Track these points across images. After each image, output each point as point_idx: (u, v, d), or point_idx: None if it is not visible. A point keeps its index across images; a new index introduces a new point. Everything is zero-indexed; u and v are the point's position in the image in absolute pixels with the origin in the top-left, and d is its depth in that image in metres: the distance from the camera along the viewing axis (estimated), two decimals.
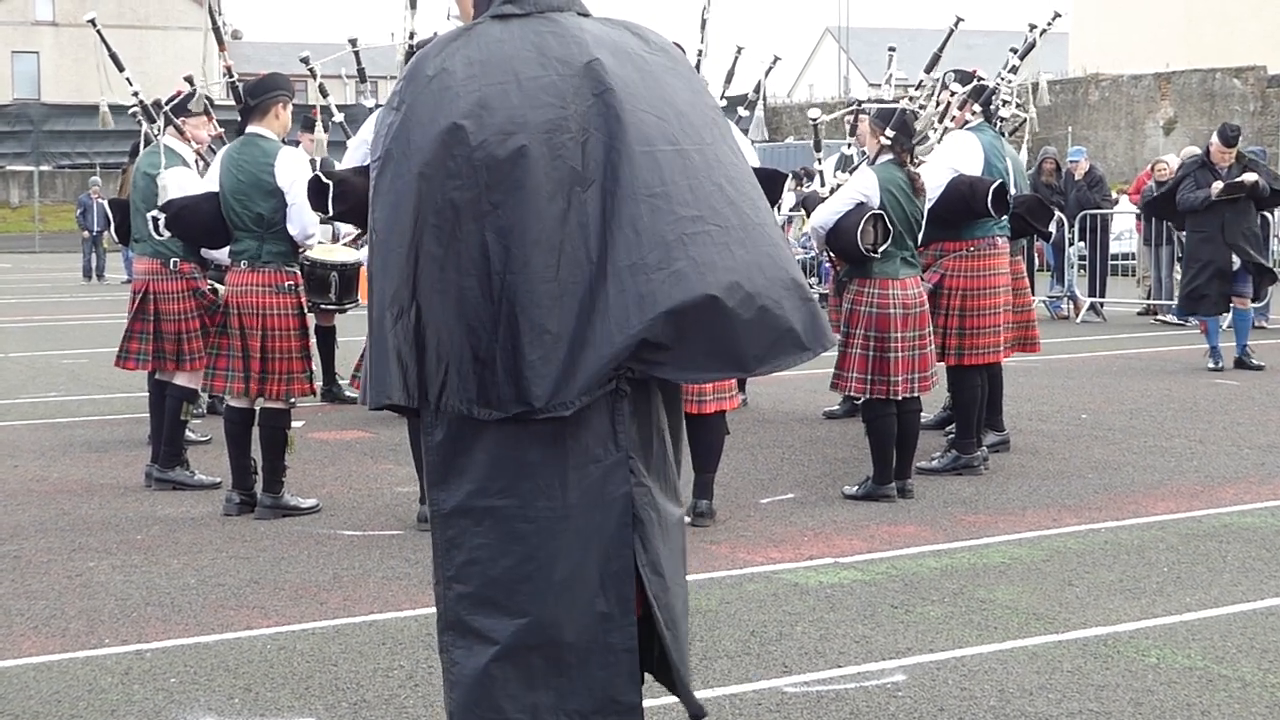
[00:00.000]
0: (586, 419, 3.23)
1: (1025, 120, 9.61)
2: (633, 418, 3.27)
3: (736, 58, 10.60)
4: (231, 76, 7.89)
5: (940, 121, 8.23)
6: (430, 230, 3.20)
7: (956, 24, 8.21)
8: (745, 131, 9.81)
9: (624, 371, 3.20)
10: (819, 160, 8.66)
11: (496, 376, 3.19)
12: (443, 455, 3.29)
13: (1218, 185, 12.67)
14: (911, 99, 8.07)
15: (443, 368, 3.22)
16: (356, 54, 9.05)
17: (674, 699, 4.65)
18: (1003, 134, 8.96)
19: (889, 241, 7.38)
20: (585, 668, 3.30)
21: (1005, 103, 9.31)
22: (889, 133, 7.53)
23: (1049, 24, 9.13)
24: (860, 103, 7.99)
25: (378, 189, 3.25)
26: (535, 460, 3.24)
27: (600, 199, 3.21)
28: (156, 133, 8.49)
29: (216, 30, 8.67)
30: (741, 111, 10.45)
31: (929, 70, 8.44)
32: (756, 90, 11.96)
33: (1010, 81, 9.06)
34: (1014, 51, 9.17)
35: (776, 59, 11.65)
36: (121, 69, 8.52)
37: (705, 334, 3.18)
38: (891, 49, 10.67)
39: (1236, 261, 12.78)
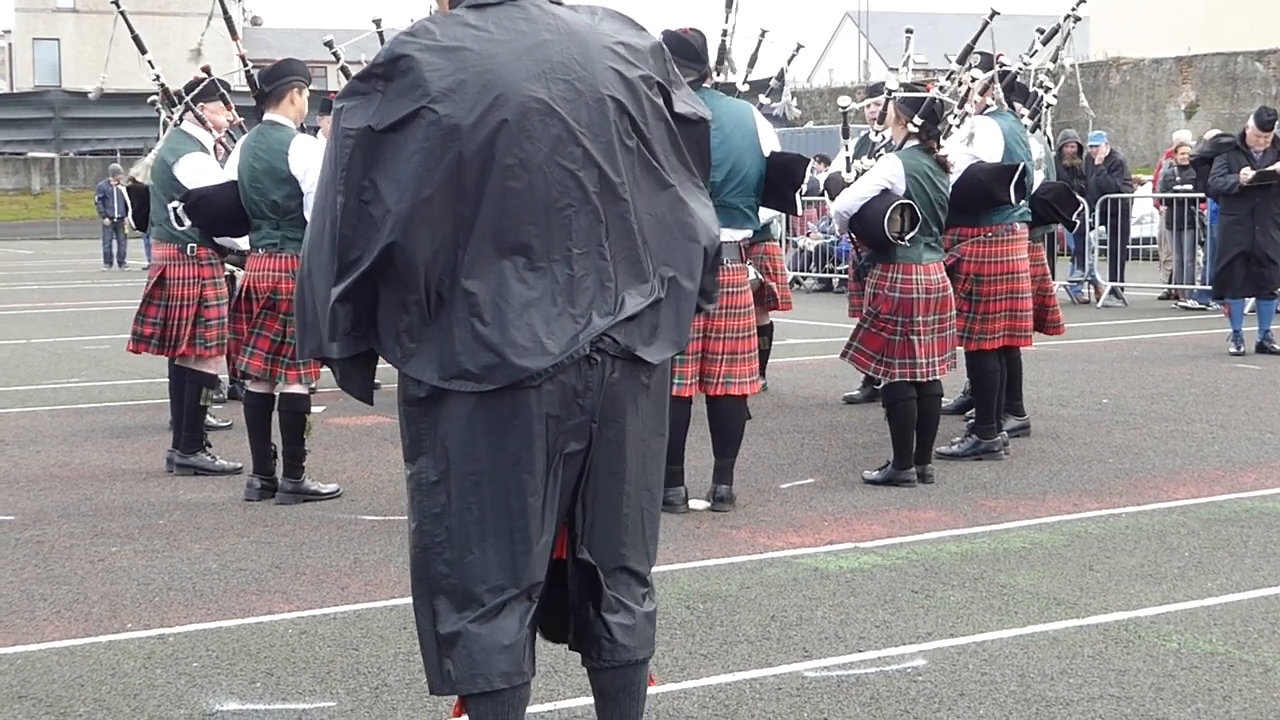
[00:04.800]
0: (557, 386, 3.32)
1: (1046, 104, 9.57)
2: (604, 385, 3.37)
3: (760, 41, 10.58)
4: (246, 65, 7.89)
5: (960, 107, 8.18)
6: (396, 210, 3.24)
7: (992, 17, 8.12)
8: (769, 116, 9.77)
9: (597, 343, 3.33)
10: (846, 146, 8.63)
11: (464, 348, 3.27)
12: (421, 427, 3.38)
13: (1248, 173, 12.68)
14: (942, 89, 8.00)
15: (406, 337, 3.32)
16: (381, 35, 9.03)
17: (684, 687, 4.66)
18: (1040, 124, 8.90)
19: (915, 229, 7.36)
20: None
21: (1046, 89, 9.28)
22: (917, 120, 7.49)
23: (1075, 8, 9.06)
24: (890, 92, 7.92)
25: (338, 160, 3.27)
26: (509, 428, 3.32)
27: (570, 182, 3.32)
28: (176, 119, 8.51)
29: (227, 18, 8.67)
30: (762, 99, 10.43)
31: (961, 61, 8.36)
32: (779, 78, 11.94)
33: (1033, 67, 9.01)
34: (1041, 33, 9.12)
35: (800, 47, 11.64)
36: (144, 51, 8.54)
37: (667, 319, 3.45)
38: (909, 31, 10.61)
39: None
